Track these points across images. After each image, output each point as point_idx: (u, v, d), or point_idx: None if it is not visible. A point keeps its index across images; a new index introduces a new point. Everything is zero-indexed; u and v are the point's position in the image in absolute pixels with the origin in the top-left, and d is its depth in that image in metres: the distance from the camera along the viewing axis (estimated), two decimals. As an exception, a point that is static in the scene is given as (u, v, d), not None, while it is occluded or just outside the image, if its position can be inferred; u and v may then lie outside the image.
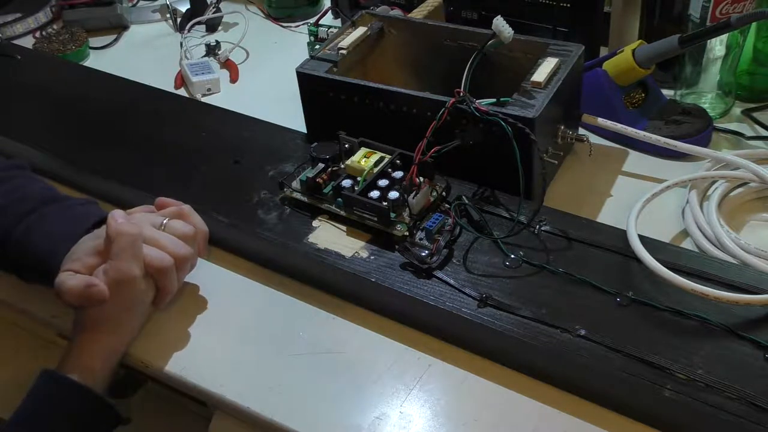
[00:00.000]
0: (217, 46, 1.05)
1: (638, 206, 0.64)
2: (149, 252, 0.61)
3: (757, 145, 0.78)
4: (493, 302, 0.58)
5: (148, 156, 0.78)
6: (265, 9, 1.14)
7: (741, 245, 0.63)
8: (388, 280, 0.61)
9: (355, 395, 0.57)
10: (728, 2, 0.74)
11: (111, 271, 0.59)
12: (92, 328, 0.60)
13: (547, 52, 0.72)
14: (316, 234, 0.66)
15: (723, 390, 0.50)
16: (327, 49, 0.78)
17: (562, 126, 0.72)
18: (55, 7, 1.16)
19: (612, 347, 0.53)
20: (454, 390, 0.57)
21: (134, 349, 0.62)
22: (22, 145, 0.82)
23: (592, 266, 0.60)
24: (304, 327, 0.63)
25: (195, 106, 0.90)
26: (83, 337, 0.60)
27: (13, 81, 0.94)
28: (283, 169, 0.73)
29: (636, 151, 0.78)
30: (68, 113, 0.87)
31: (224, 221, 0.68)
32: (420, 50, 0.81)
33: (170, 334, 0.62)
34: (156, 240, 0.62)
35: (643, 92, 0.81)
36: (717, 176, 0.70)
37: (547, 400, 0.55)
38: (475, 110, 0.65)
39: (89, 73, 0.97)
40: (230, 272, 0.68)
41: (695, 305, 0.55)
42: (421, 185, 0.64)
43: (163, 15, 1.17)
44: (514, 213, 0.65)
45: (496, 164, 0.65)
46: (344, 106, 0.74)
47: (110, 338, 0.60)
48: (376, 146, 0.69)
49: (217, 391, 0.58)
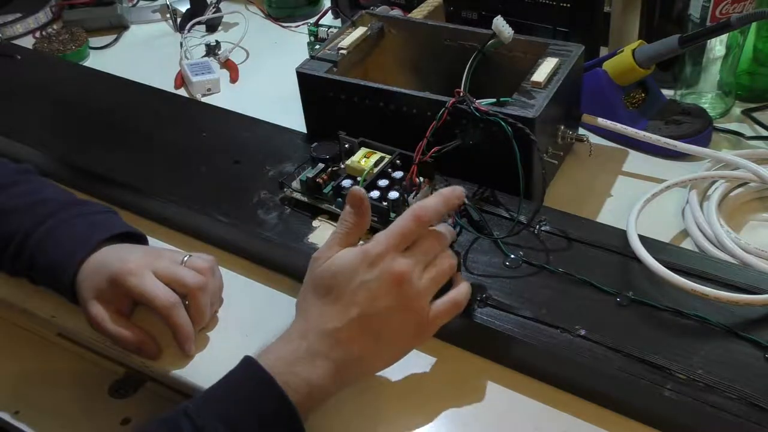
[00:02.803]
0: (217, 46, 1.05)
1: (638, 206, 0.64)
2: (156, 288, 0.60)
3: (757, 145, 0.78)
4: (493, 302, 0.58)
5: (148, 156, 0.78)
6: (265, 9, 1.14)
7: (741, 245, 0.63)
8: (388, 280, 0.60)
9: (355, 395, 0.57)
10: (728, 2, 0.74)
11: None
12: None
13: (547, 52, 0.72)
14: (316, 234, 0.66)
15: (723, 390, 0.50)
16: (327, 49, 0.78)
17: (562, 126, 0.72)
18: (55, 7, 1.16)
19: (612, 347, 0.53)
20: (454, 390, 0.57)
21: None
22: (22, 146, 0.82)
23: (592, 266, 0.60)
24: (304, 327, 0.62)
25: (195, 106, 0.90)
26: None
27: (13, 81, 0.94)
28: (283, 169, 0.73)
29: (636, 151, 0.78)
30: (68, 113, 0.87)
31: (224, 221, 0.68)
32: (420, 50, 0.81)
33: (170, 334, 0.62)
34: (172, 273, 0.61)
35: (643, 92, 0.81)
36: (717, 176, 0.70)
37: (547, 400, 0.55)
38: (475, 110, 0.65)
39: (89, 73, 0.97)
40: (230, 272, 0.68)
41: (695, 305, 0.55)
42: (421, 185, 0.64)
43: (163, 15, 1.17)
44: (514, 213, 0.65)
45: (496, 164, 0.65)
46: (344, 106, 0.74)
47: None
48: (376, 146, 0.69)
49: (217, 391, 0.58)
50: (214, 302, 0.64)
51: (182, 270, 0.62)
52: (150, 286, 0.60)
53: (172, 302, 0.60)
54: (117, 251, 0.63)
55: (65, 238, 0.64)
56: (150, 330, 0.62)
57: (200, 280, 0.61)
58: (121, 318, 0.62)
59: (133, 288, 0.60)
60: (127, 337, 0.61)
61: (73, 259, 0.62)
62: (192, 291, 0.61)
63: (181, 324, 0.60)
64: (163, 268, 0.61)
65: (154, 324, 0.63)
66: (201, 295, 0.61)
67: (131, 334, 0.61)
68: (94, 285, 0.61)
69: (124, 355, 0.62)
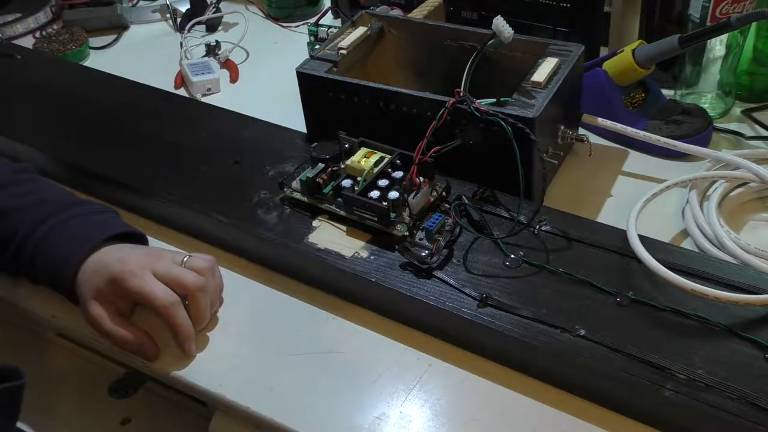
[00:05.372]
0: (217, 46, 1.05)
1: (638, 206, 0.64)
2: (154, 288, 0.60)
3: (757, 145, 0.78)
4: (493, 302, 0.58)
5: (148, 156, 0.78)
6: (265, 9, 1.14)
7: (741, 245, 0.63)
8: (388, 280, 0.61)
9: (355, 395, 0.57)
10: (728, 2, 0.74)
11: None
12: None
13: (547, 52, 0.72)
14: (316, 234, 0.66)
15: (723, 390, 0.50)
16: (327, 49, 0.78)
17: (562, 126, 0.72)
18: (55, 7, 1.15)
19: (612, 347, 0.53)
20: (454, 390, 0.57)
21: (134, 349, 0.62)
22: (22, 145, 0.82)
23: (592, 266, 0.60)
24: (304, 327, 0.63)
25: (195, 106, 0.90)
26: None
27: (13, 81, 0.94)
28: (283, 169, 0.73)
29: (636, 151, 0.78)
30: (68, 113, 0.87)
31: (224, 221, 0.68)
32: (420, 50, 0.81)
33: (170, 334, 0.62)
34: (172, 273, 0.61)
35: (643, 92, 0.81)
36: (717, 176, 0.70)
37: (547, 400, 0.55)
38: (475, 110, 0.65)
39: (89, 73, 0.97)
40: (230, 272, 0.68)
41: (695, 305, 0.55)
42: (421, 185, 0.64)
43: (163, 15, 1.17)
44: (514, 213, 0.65)
45: (496, 164, 0.65)
46: (344, 106, 0.74)
47: None
48: (376, 146, 0.69)
49: (217, 391, 0.58)
50: (214, 302, 0.64)
51: (182, 270, 0.62)
52: (150, 287, 0.60)
53: (172, 302, 0.60)
54: (117, 251, 0.63)
55: (65, 238, 0.64)
56: (150, 330, 0.62)
57: (200, 281, 0.61)
58: (120, 318, 0.62)
59: (133, 288, 0.60)
60: (127, 338, 0.61)
61: (73, 259, 0.62)
62: (192, 291, 0.61)
63: (181, 324, 0.60)
64: (163, 269, 0.61)
65: (154, 324, 0.63)
66: (201, 295, 0.61)
67: (131, 334, 0.61)
68: (94, 285, 0.61)
69: (124, 355, 0.62)
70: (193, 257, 0.64)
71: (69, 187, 0.74)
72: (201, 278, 0.62)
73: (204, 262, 0.63)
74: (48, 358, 0.74)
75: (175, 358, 0.61)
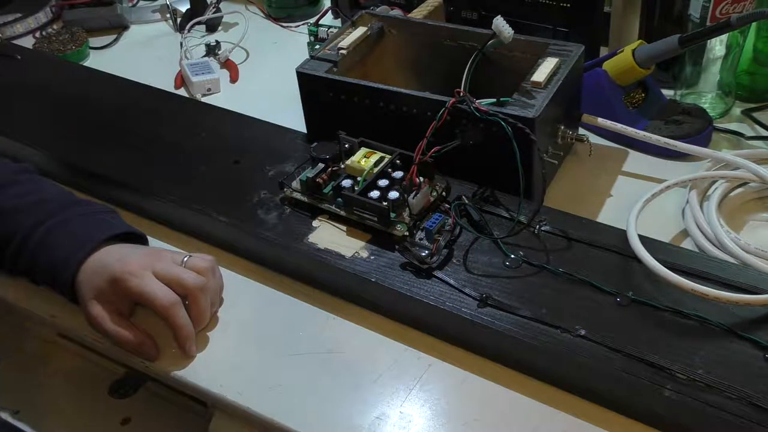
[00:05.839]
0: (217, 46, 1.05)
1: (638, 206, 0.64)
2: (155, 289, 0.60)
3: (757, 145, 0.78)
4: (493, 302, 0.58)
5: (148, 156, 0.78)
6: (265, 9, 1.14)
7: (741, 245, 0.63)
8: (388, 280, 0.61)
9: (355, 395, 0.57)
10: (728, 2, 0.74)
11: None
12: None
13: (547, 52, 0.72)
14: (316, 234, 0.66)
15: (723, 390, 0.50)
16: (327, 49, 0.78)
17: (562, 126, 0.72)
18: (55, 7, 1.16)
19: (612, 347, 0.53)
20: (454, 390, 0.57)
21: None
22: (22, 145, 0.82)
23: (592, 266, 0.60)
24: (304, 327, 0.63)
25: (195, 106, 0.90)
26: None
27: (13, 81, 0.94)
28: (283, 169, 0.73)
29: (636, 151, 0.78)
30: (68, 113, 0.87)
31: (224, 221, 0.68)
32: (420, 50, 0.81)
33: (170, 334, 0.62)
34: (172, 273, 0.61)
35: (643, 92, 0.81)
36: (717, 176, 0.70)
37: (547, 400, 0.55)
38: (475, 110, 0.65)
39: (89, 73, 0.97)
40: (230, 272, 0.68)
41: (695, 305, 0.55)
42: (421, 185, 0.64)
43: (163, 15, 1.17)
44: (514, 213, 0.65)
45: (496, 164, 0.65)
46: (344, 106, 0.74)
47: None
48: (376, 146, 0.69)
49: (217, 391, 0.58)
50: (214, 302, 0.64)
51: (182, 271, 0.62)
52: (150, 287, 0.60)
53: (172, 303, 0.60)
54: (117, 251, 0.63)
55: (65, 238, 0.64)
56: (150, 330, 0.62)
57: (200, 281, 0.61)
58: (120, 318, 0.62)
59: (133, 288, 0.60)
60: (127, 338, 0.61)
61: (73, 259, 0.62)
62: (192, 291, 0.61)
63: (181, 324, 0.60)
64: (163, 269, 0.61)
65: (154, 324, 0.63)
66: (201, 295, 0.61)
67: (131, 334, 0.61)
68: (94, 285, 0.61)
69: (124, 355, 0.62)
70: (193, 257, 0.64)
71: (69, 187, 0.74)
72: (201, 278, 0.62)
73: (204, 262, 0.63)
74: (48, 358, 0.74)
75: (175, 358, 0.61)
